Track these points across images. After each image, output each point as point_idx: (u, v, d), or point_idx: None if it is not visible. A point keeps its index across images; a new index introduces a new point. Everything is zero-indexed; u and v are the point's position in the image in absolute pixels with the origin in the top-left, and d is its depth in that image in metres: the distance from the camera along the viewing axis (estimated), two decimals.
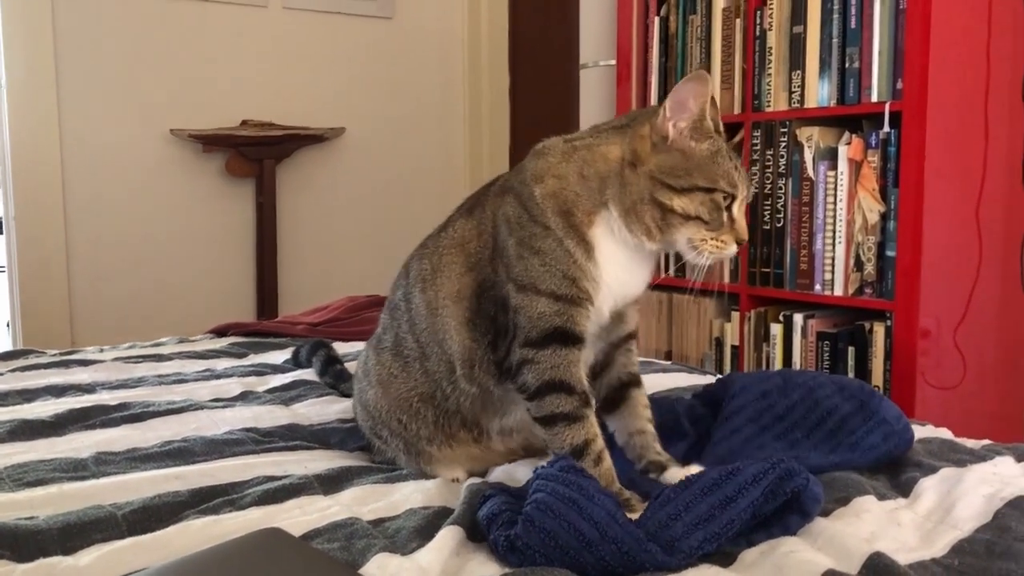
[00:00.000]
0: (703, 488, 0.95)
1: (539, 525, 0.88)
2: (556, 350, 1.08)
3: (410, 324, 1.23)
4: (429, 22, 4.32)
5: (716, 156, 1.07)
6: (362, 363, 1.32)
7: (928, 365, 2.28)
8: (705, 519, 0.91)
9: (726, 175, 1.06)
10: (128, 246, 3.67)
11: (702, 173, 1.06)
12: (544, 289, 1.08)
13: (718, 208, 1.06)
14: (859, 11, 2.33)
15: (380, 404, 1.24)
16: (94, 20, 3.56)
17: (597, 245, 1.09)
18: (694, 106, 1.06)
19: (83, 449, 1.28)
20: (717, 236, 1.07)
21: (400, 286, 1.28)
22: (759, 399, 1.25)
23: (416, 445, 1.21)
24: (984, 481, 1.06)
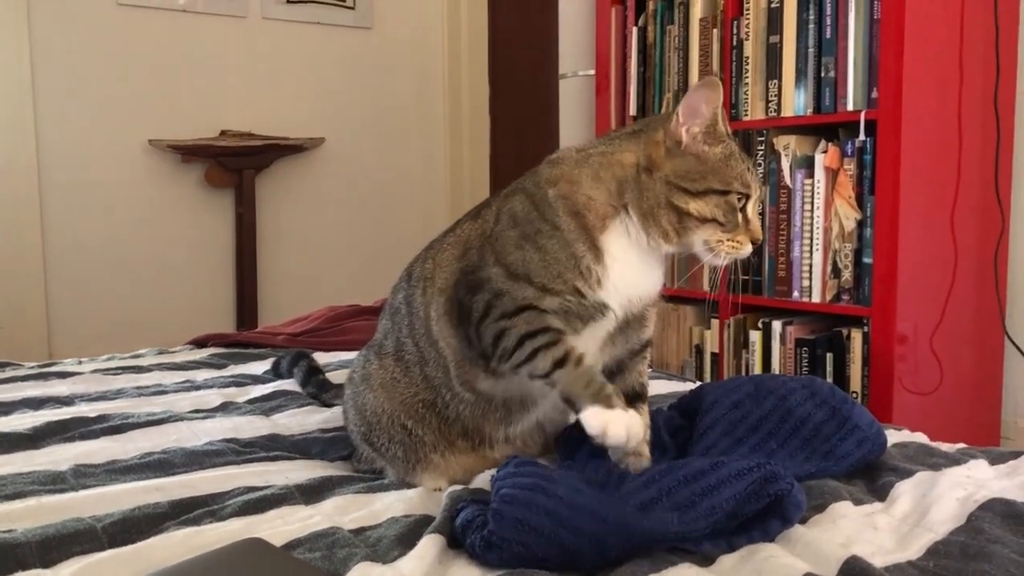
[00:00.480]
0: (687, 476, 0.96)
1: (508, 516, 0.89)
2: (528, 313, 1.09)
3: (410, 328, 1.22)
4: (409, 32, 4.33)
5: (729, 159, 1.10)
6: (360, 367, 1.30)
7: (905, 371, 2.30)
8: (685, 505, 0.92)
9: (739, 177, 1.09)
10: (106, 257, 3.65)
11: (716, 176, 1.09)
12: (536, 282, 1.10)
13: (733, 210, 1.09)
14: (834, 21, 2.36)
15: (381, 409, 1.22)
16: (71, 30, 3.55)
17: (608, 249, 1.10)
18: (706, 111, 1.09)
19: (62, 462, 1.27)
20: (733, 237, 1.10)
21: (401, 289, 1.27)
22: (732, 410, 1.24)
23: (418, 452, 1.20)
24: (958, 484, 1.08)
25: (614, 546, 0.88)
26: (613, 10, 2.97)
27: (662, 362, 2.86)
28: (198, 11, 3.79)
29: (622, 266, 1.11)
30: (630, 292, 1.13)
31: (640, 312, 1.16)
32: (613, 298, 1.11)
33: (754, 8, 2.53)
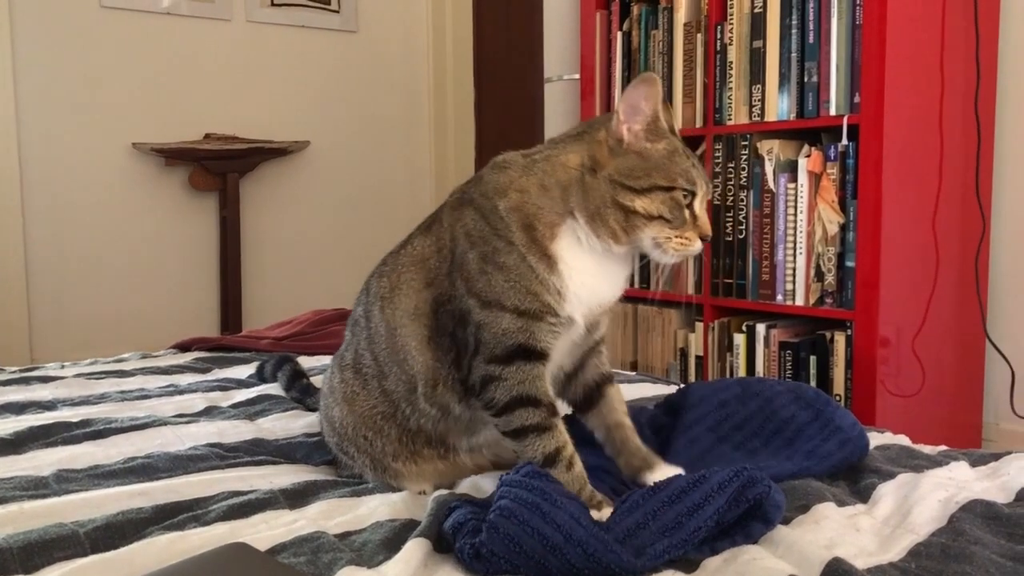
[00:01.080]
0: (670, 496, 0.96)
1: (503, 531, 0.89)
2: (521, 366, 1.09)
3: (368, 341, 1.23)
4: (394, 36, 4.33)
5: (673, 155, 1.09)
6: (327, 379, 1.32)
7: (888, 373, 2.32)
8: (672, 527, 0.93)
9: (684, 173, 1.08)
10: (89, 261, 3.62)
11: (660, 172, 1.08)
12: (509, 305, 1.08)
13: (679, 206, 1.07)
14: (817, 27, 2.37)
15: (346, 421, 1.24)
16: (54, 32, 3.53)
17: (561, 257, 1.09)
18: (646, 108, 1.08)
19: (44, 467, 1.26)
20: (681, 233, 1.08)
21: (361, 302, 1.27)
22: (718, 409, 1.27)
23: (382, 461, 1.21)
24: (940, 486, 1.08)
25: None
26: (598, 14, 2.97)
27: (647, 365, 2.87)
28: (182, 14, 3.78)
29: (580, 275, 1.10)
30: (591, 301, 1.12)
31: (599, 318, 1.16)
32: (577, 309, 1.11)
33: (738, 13, 2.55)
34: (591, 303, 1.12)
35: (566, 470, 1.07)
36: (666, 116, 1.10)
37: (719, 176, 2.60)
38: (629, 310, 2.91)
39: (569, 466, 1.07)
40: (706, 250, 2.64)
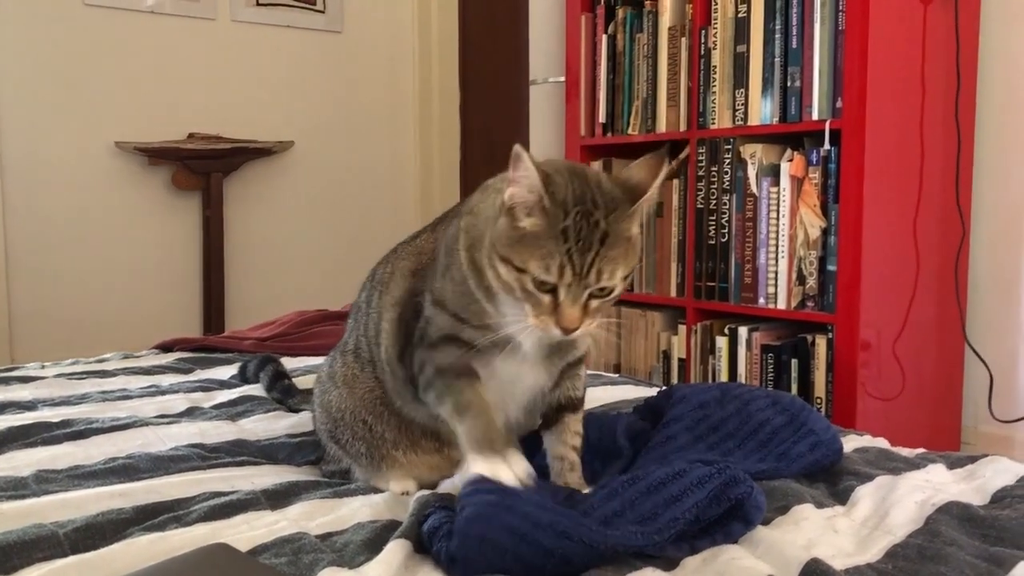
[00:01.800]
0: (649, 486, 0.97)
1: (472, 534, 0.90)
2: (447, 347, 1.09)
3: (365, 328, 1.24)
4: (379, 36, 4.33)
5: (533, 234, 0.98)
6: (327, 366, 1.32)
7: (868, 376, 2.34)
8: (648, 517, 0.93)
9: (543, 264, 0.97)
10: (71, 261, 3.60)
11: (520, 251, 0.98)
12: (450, 309, 1.09)
13: (527, 292, 0.98)
14: (800, 32, 2.39)
15: (344, 405, 1.23)
16: (37, 30, 3.51)
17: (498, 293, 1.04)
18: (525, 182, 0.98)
19: (23, 467, 1.25)
20: (537, 315, 0.99)
21: (365, 288, 1.29)
22: (697, 409, 1.28)
23: (380, 449, 1.20)
24: (917, 488, 1.10)
25: (577, 561, 0.89)
26: (583, 17, 2.99)
27: (629, 367, 2.88)
28: (166, 12, 3.76)
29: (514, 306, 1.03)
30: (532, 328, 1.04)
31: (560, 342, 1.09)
32: (522, 333, 1.05)
33: (722, 18, 2.56)
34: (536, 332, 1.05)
35: (471, 416, 1.06)
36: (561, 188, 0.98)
37: (702, 180, 2.62)
38: (612, 312, 2.91)
39: (474, 414, 1.06)
40: (689, 253, 2.66)
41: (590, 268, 0.98)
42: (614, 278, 0.99)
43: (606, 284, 0.99)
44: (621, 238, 0.99)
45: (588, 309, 1.00)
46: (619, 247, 0.99)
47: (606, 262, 0.98)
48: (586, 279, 0.98)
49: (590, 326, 1.01)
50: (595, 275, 0.98)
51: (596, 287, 0.99)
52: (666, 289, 2.76)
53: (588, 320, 1.00)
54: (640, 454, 1.23)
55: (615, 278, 1.00)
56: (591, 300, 1.00)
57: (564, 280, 0.97)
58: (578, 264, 0.97)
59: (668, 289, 2.76)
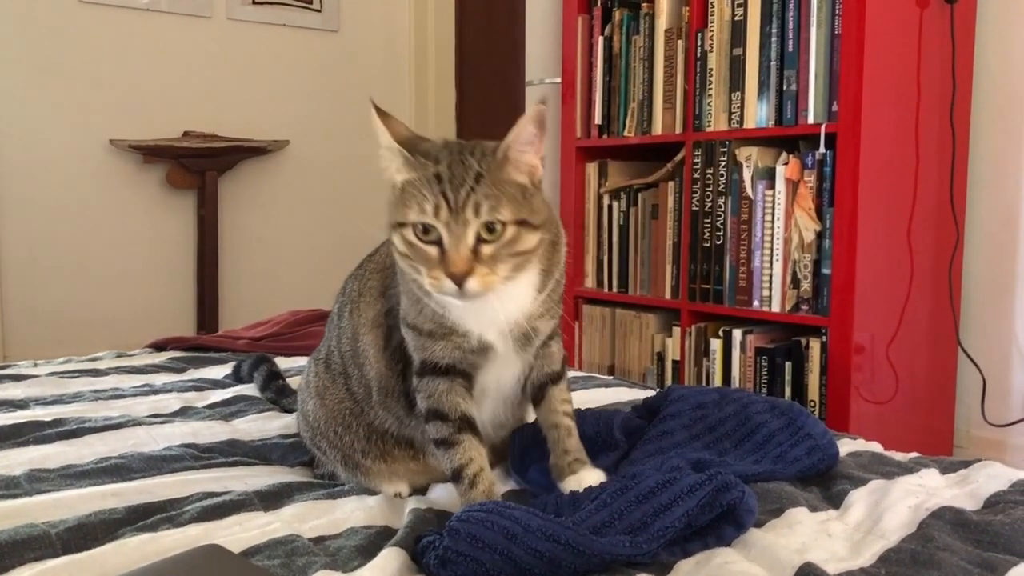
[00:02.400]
0: (639, 495, 0.97)
1: (464, 532, 0.90)
2: (431, 380, 1.09)
3: (338, 340, 1.24)
4: (375, 36, 4.32)
5: (411, 185, 0.99)
6: (305, 374, 1.33)
7: (862, 380, 2.34)
8: (638, 527, 0.93)
9: (418, 205, 0.97)
10: (64, 258, 3.59)
11: (401, 207, 0.99)
12: (411, 323, 1.08)
13: (411, 244, 0.98)
14: (796, 35, 2.40)
15: (318, 415, 1.24)
16: (32, 27, 3.50)
17: (447, 302, 1.03)
18: (383, 139, 1.01)
19: (15, 467, 1.25)
20: (429, 272, 0.97)
21: (338, 300, 1.29)
22: (695, 409, 1.29)
23: (352, 458, 1.21)
24: (910, 493, 1.10)
25: (567, 567, 0.89)
26: (580, 19, 2.99)
27: (624, 369, 2.88)
28: (162, 10, 3.75)
29: (467, 310, 1.03)
30: (496, 321, 1.05)
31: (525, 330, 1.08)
32: (485, 332, 1.06)
33: (718, 21, 2.57)
34: (496, 325, 1.05)
35: (469, 488, 1.05)
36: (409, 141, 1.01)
37: (697, 182, 2.62)
38: (607, 314, 2.92)
39: (472, 485, 1.05)
40: (684, 255, 2.66)
41: (465, 202, 0.95)
42: (497, 213, 0.96)
43: (488, 218, 0.96)
44: (500, 180, 0.98)
45: (480, 255, 0.96)
46: (498, 188, 0.97)
47: (484, 197, 0.96)
48: (463, 214, 0.95)
49: (488, 276, 0.96)
50: (472, 209, 0.95)
51: (478, 223, 0.96)
52: (661, 291, 2.77)
53: (482, 268, 0.96)
54: (635, 448, 1.24)
55: (499, 213, 0.96)
56: (481, 245, 0.97)
57: (441, 217, 0.96)
58: (452, 199, 0.96)
59: (663, 291, 2.76)
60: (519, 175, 1.01)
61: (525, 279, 1.05)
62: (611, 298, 2.92)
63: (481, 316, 1.05)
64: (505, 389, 1.16)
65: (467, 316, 1.05)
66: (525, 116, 1.00)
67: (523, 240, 0.99)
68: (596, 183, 2.95)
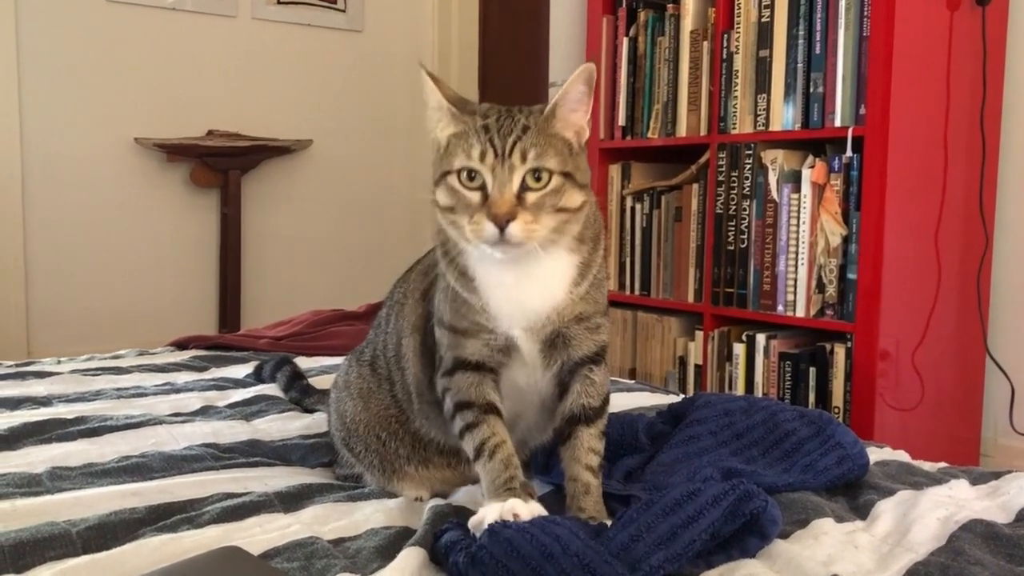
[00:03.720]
0: (664, 508, 0.95)
1: (503, 536, 0.89)
2: (460, 375, 1.07)
3: (384, 345, 1.23)
4: (399, 37, 4.33)
5: (457, 137, 1.00)
6: (343, 372, 1.31)
7: (887, 386, 2.31)
8: (667, 539, 0.92)
9: (464, 152, 0.98)
10: (89, 256, 3.62)
11: (446, 159, 1.01)
12: (447, 323, 1.08)
13: (454, 190, 0.99)
14: (824, 37, 2.37)
15: (359, 418, 1.22)
16: (59, 26, 3.53)
17: (476, 273, 1.03)
18: (432, 99, 1.04)
19: (38, 464, 1.25)
20: (470, 219, 0.97)
21: (386, 305, 1.28)
22: (722, 416, 1.28)
23: (393, 463, 1.20)
24: (939, 504, 1.08)
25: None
26: (604, 20, 2.97)
27: (645, 373, 2.86)
28: (187, 10, 3.77)
29: (499, 289, 1.03)
30: (524, 311, 1.04)
31: (556, 329, 1.06)
32: (511, 325, 1.04)
33: (745, 22, 2.54)
34: (525, 315, 1.04)
35: (488, 459, 1.03)
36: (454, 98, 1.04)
37: (722, 185, 2.60)
38: (628, 316, 2.90)
39: (491, 455, 1.03)
40: (707, 258, 2.63)
41: (512, 148, 0.96)
42: (544, 160, 0.97)
43: (534, 164, 0.96)
44: (546, 133, 0.99)
45: (524, 201, 0.96)
46: (545, 139, 0.98)
47: (531, 145, 0.97)
48: (510, 159, 0.96)
49: (530, 224, 0.96)
50: (519, 155, 0.96)
51: (524, 168, 0.96)
52: (684, 294, 2.74)
53: (526, 214, 0.96)
54: (661, 452, 1.22)
55: (545, 161, 0.97)
56: (526, 193, 0.97)
57: (486, 162, 0.97)
58: (499, 146, 0.97)
59: (686, 294, 2.74)
60: (567, 132, 1.02)
61: (562, 259, 1.04)
62: (633, 301, 2.90)
63: (512, 301, 1.03)
64: (535, 403, 1.12)
65: (497, 298, 1.03)
66: (575, 75, 1.03)
67: (568, 195, 0.99)
68: (619, 185, 2.94)
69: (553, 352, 1.07)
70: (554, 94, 1.05)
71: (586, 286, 1.07)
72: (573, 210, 1.00)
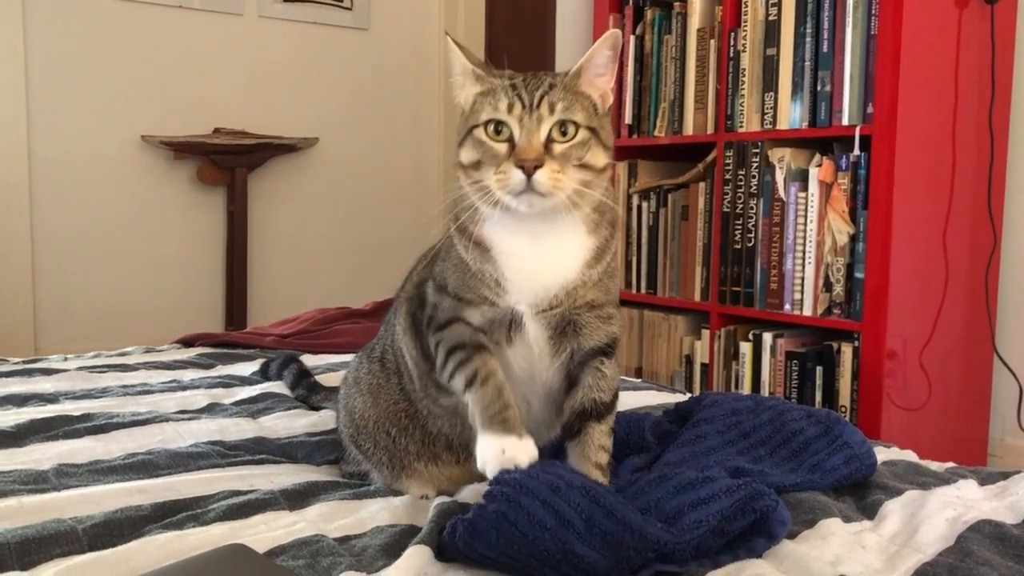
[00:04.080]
0: (676, 486, 0.96)
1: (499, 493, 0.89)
2: (456, 326, 1.07)
3: (391, 339, 1.23)
4: (405, 34, 4.33)
5: (484, 95, 1.03)
6: (353, 369, 1.31)
7: (894, 386, 2.30)
8: (673, 516, 0.92)
9: (492, 105, 1.01)
10: (95, 253, 3.62)
11: (472, 116, 1.03)
12: (451, 290, 1.08)
13: (481, 142, 1.00)
14: (831, 36, 2.36)
15: (368, 414, 1.22)
16: (67, 24, 3.53)
17: (491, 243, 1.04)
18: (456, 63, 1.06)
19: (44, 461, 1.26)
20: (498, 168, 0.98)
21: (396, 297, 1.28)
22: (729, 415, 1.27)
23: (403, 460, 1.19)
24: (947, 505, 1.07)
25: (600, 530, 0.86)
26: (611, 17, 2.96)
27: (651, 371, 2.86)
28: (195, 8, 3.78)
29: (514, 259, 1.03)
30: (533, 286, 1.04)
31: (565, 314, 1.05)
32: (520, 299, 1.04)
33: (752, 20, 2.54)
34: (535, 290, 1.04)
35: (480, 386, 1.02)
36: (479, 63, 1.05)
37: (729, 183, 2.59)
38: (635, 315, 2.90)
39: (483, 383, 1.02)
40: (714, 257, 2.63)
41: (540, 101, 0.99)
42: (571, 113, 1.00)
43: (562, 116, 0.99)
44: (572, 90, 1.02)
45: (551, 151, 0.98)
46: (572, 95, 1.01)
47: (558, 99, 1.00)
48: (538, 110, 0.99)
49: (557, 174, 0.97)
50: (547, 107, 0.99)
51: (552, 120, 0.99)
52: (690, 293, 2.74)
53: (553, 163, 0.97)
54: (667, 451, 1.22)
55: (573, 114, 1.00)
56: (553, 144, 0.99)
57: (514, 113, 0.99)
58: (527, 99, 1.00)
59: (692, 293, 2.73)
60: (592, 91, 1.05)
61: (579, 236, 1.05)
62: (639, 299, 2.90)
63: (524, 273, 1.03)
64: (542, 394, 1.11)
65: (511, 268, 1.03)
66: (600, 40, 1.05)
67: (593, 152, 1.01)
68: (626, 183, 2.93)
69: (563, 340, 1.07)
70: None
71: (599, 271, 1.07)
72: (597, 169, 1.02)
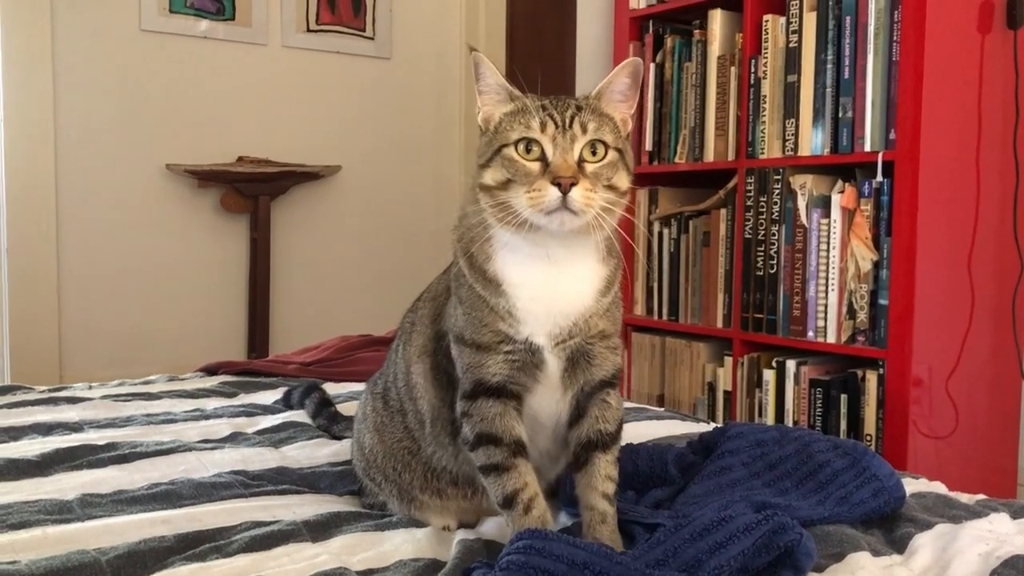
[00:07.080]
0: (693, 533, 0.94)
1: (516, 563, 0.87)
2: (483, 402, 1.05)
3: (394, 376, 1.24)
4: (427, 63, 4.36)
5: (515, 115, 1.02)
6: (362, 405, 1.32)
7: (920, 414, 2.28)
8: (692, 565, 0.91)
9: (523, 124, 1.00)
10: (120, 281, 3.65)
11: (499, 136, 1.02)
12: (468, 339, 1.06)
13: (512, 161, 0.99)
14: (852, 62, 2.36)
15: (375, 450, 1.23)
16: (94, 54, 3.59)
17: (504, 277, 1.03)
18: (489, 78, 1.05)
19: (68, 490, 1.26)
20: (530, 187, 0.97)
21: (398, 335, 1.28)
22: (754, 447, 1.26)
23: (409, 492, 1.20)
24: (980, 539, 1.05)
25: None
26: (631, 46, 2.97)
27: (674, 399, 2.84)
28: (219, 38, 3.83)
29: (528, 290, 1.02)
30: (550, 316, 1.03)
31: (579, 345, 1.05)
32: (536, 330, 1.03)
33: (772, 47, 2.54)
34: (553, 319, 1.03)
35: (523, 513, 1.02)
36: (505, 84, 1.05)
37: (750, 210, 2.58)
38: (657, 342, 2.88)
39: (527, 509, 1.02)
40: (736, 284, 2.61)
41: (572, 120, 1.00)
42: (601, 133, 1.01)
43: (594, 136, 1.00)
44: (599, 112, 1.03)
45: (583, 169, 0.99)
46: (599, 117, 1.02)
47: (588, 119, 1.01)
48: (571, 130, 1.00)
49: (589, 192, 0.97)
50: (579, 126, 1.00)
51: (585, 139, 1.00)
52: (712, 320, 2.72)
53: (586, 182, 0.98)
54: (692, 483, 1.20)
55: (602, 133, 1.01)
56: (584, 164, 1.00)
57: (547, 132, 0.99)
58: (559, 118, 1.00)
59: (714, 320, 2.72)
60: (615, 115, 1.06)
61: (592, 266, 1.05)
62: (661, 326, 2.89)
63: (539, 301, 1.03)
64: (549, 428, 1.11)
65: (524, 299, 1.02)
66: (620, 66, 1.06)
67: (619, 174, 1.02)
68: (646, 210, 2.93)
69: (575, 372, 1.07)
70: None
71: (608, 301, 1.07)
72: (621, 192, 1.03)
